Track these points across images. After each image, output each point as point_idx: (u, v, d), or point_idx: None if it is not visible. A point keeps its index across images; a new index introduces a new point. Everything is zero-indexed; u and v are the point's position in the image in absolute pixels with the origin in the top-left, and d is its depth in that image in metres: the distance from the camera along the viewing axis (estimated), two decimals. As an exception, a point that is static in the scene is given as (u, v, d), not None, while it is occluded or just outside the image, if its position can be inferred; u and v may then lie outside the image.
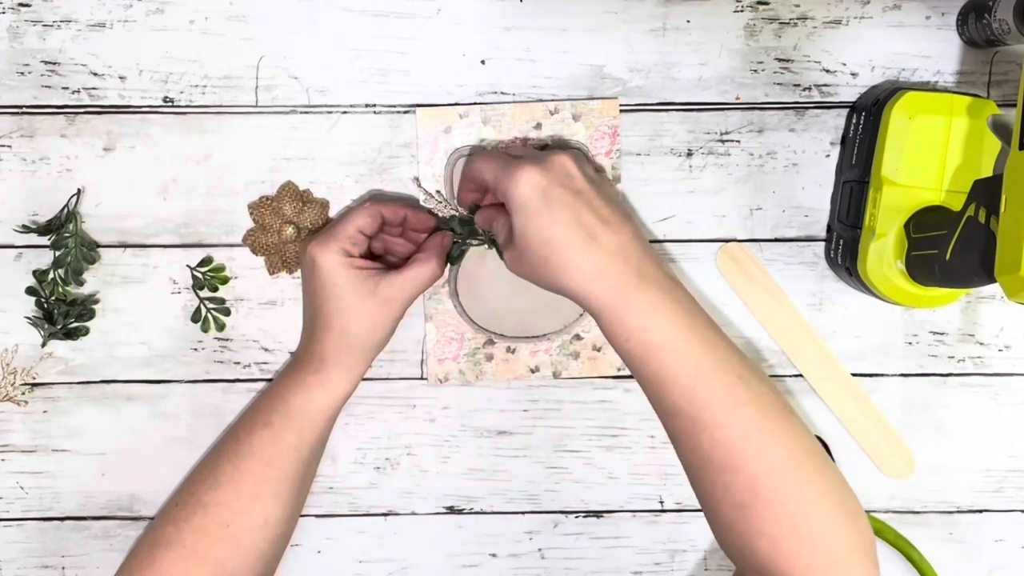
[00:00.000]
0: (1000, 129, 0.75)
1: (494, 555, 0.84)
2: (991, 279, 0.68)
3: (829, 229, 0.82)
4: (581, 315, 0.82)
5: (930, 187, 0.76)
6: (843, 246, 0.80)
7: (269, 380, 0.83)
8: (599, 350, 0.82)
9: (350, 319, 0.76)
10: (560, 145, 0.81)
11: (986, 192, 0.70)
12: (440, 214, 0.81)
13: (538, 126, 0.81)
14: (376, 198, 0.81)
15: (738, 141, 0.82)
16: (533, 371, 0.83)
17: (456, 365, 0.82)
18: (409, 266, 0.77)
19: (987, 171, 0.75)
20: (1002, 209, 0.68)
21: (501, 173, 0.72)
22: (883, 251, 0.76)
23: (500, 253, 0.77)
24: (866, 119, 0.79)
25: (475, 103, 0.81)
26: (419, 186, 0.81)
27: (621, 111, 0.81)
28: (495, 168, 0.73)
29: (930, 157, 0.76)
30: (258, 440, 0.76)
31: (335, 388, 0.77)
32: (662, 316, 0.69)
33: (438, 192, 0.81)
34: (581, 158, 0.74)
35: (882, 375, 0.83)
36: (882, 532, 0.83)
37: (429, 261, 0.77)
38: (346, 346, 0.76)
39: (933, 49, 0.81)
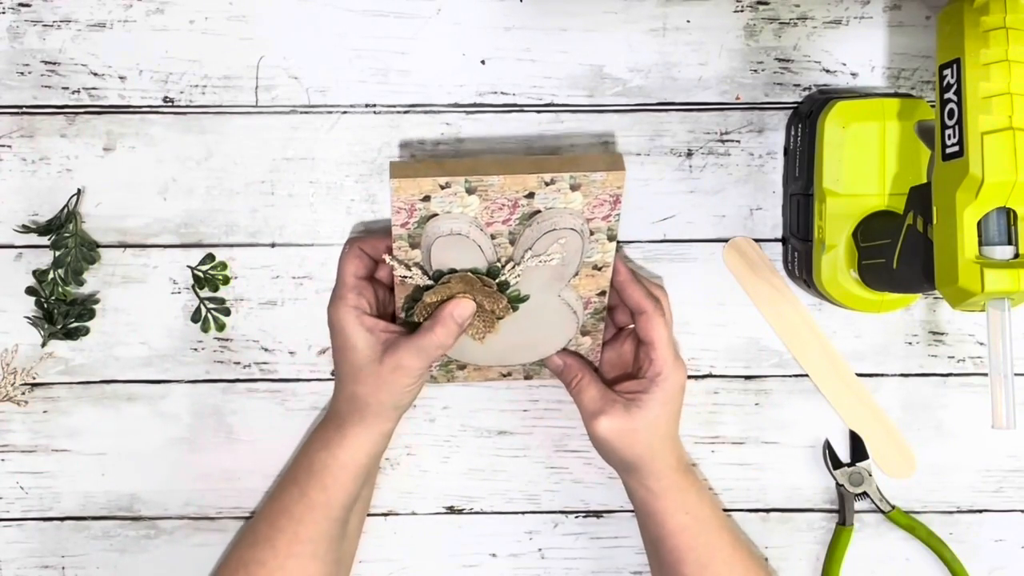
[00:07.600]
0: (926, 135, 0.73)
1: (494, 555, 0.84)
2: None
3: (784, 241, 0.82)
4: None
5: (873, 193, 0.75)
6: (798, 258, 0.79)
7: (269, 380, 0.83)
8: (599, 350, 0.82)
9: (357, 383, 0.75)
10: (554, 215, 0.72)
11: (920, 200, 0.69)
12: (420, 284, 0.74)
13: (530, 195, 0.71)
14: (352, 240, 0.78)
15: (738, 141, 0.82)
16: (505, 376, 0.82)
17: (429, 370, 0.77)
18: (419, 333, 0.73)
19: (926, 170, 0.73)
20: (934, 219, 0.67)
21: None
22: (835, 262, 0.76)
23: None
24: (803, 131, 0.78)
25: (473, 106, 0.81)
26: (394, 259, 0.73)
27: (621, 111, 0.81)
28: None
29: (869, 164, 0.75)
30: (288, 496, 0.76)
31: (353, 446, 0.75)
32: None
33: (417, 265, 0.74)
34: None
35: (882, 375, 0.83)
36: (914, 529, 0.82)
37: (439, 330, 0.73)
38: (357, 408, 0.75)
39: (933, 49, 0.81)
